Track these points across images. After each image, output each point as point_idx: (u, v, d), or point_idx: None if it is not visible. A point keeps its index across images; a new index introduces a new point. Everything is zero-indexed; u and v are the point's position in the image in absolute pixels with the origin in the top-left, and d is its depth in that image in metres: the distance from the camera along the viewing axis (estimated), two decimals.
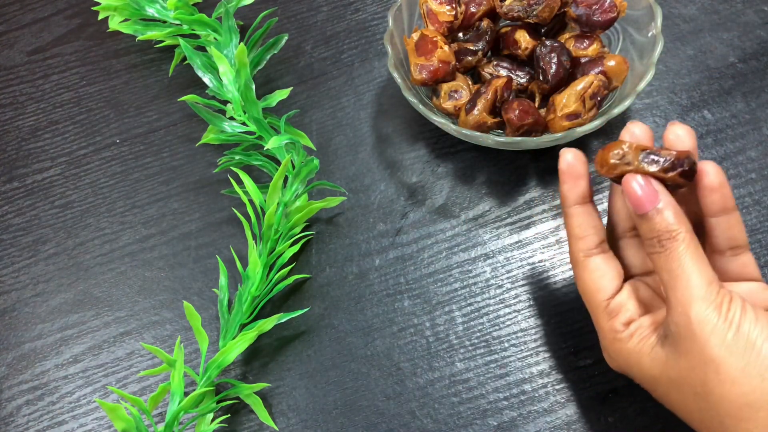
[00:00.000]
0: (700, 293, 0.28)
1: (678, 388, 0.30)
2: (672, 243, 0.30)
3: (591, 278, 0.34)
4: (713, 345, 0.28)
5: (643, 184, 0.31)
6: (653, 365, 0.31)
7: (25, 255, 0.48)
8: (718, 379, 0.28)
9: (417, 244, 0.45)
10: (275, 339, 0.43)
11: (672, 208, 0.30)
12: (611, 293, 0.33)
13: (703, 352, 0.28)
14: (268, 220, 0.42)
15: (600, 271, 0.34)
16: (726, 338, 0.28)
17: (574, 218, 0.34)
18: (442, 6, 0.45)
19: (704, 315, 0.28)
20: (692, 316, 0.28)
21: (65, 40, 0.57)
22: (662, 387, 0.31)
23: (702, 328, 0.28)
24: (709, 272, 0.29)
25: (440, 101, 0.45)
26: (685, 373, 0.29)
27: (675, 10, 0.52)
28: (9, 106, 0.55)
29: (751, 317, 0.28)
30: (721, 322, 0.28)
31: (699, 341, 0.28)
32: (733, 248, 0.34)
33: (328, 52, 0.54)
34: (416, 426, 0.40)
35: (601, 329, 0.34)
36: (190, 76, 0.53)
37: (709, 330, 0.28)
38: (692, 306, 0.28)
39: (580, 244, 0.34)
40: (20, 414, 0.43)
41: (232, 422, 0.41)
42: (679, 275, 0.29)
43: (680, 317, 0.29)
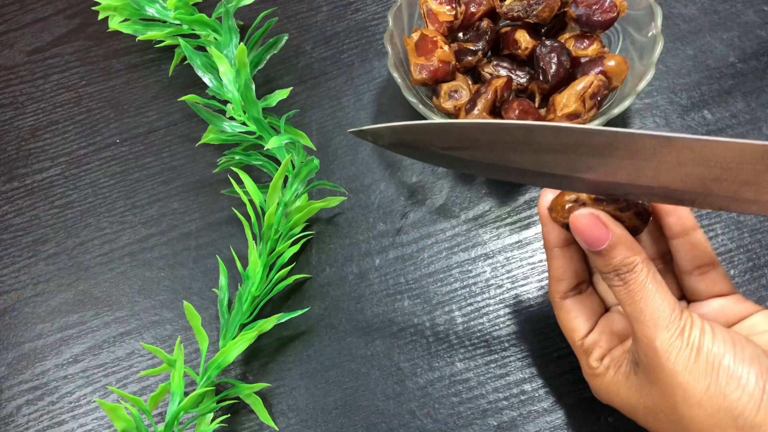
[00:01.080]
0: (663, 322, 0.29)
1: (654, 416, 0.30)
2: (631, 275, 0.30)
3: (566, 319, 0.35)
4: (678, 372, 0.28)
5: (591, 222, 0.30)
6: (630, 394, 0.31)
7: (25, 255, 0.48)
8: (687, 404, 0.28)
9: (417, 244, 0.45)
10: (275, 339, 0.43)
11: (625, 240, 0.30)
12: (585, 332, 0.34)
13: (670, 379, 0.28)
14: (268, 220, 0.42)
15: (574, 312, 0.35)
16: (689, 364, 0.28)
17: (554, 261, 0.35)
18: (442, 6, 0.45)
19: (668, 343, 0.28)
20: (657, 345, 0.29)
21: (65, 40, 0.57)
22: (640, 415, 0.31)
23: (668, 356, 0.28)
24: (670, 298, 0.30)
25: (440, 101, 0.45)
26: (658, 401, 0.29)
27: (675, 10, 0.52)
28: (9, 106, 0.55)
29: (709, 337, 0.28)
30: (684, 346, 0.28)
31: (666, 369, 0.28)
32: (700, 267, 0.34)
33: (328, 52, 0.54)
34: (416, 426, 0.40)
35: (582, 367, 0.35)
36: (190, 76, 0.53)
37: (674, 357, 0.28)
38: (657, 335, 0.29)
39: (557, 286, 0.35)
40: (20, 414, 0.43)
41: (232, 422, 0.41)
42: (642, 308, 0.29)
43: (647, 349, 0.29)
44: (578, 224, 0.31)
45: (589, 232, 0.30)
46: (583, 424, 0.39)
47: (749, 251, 0.43)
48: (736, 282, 0.42)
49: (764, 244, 0.43)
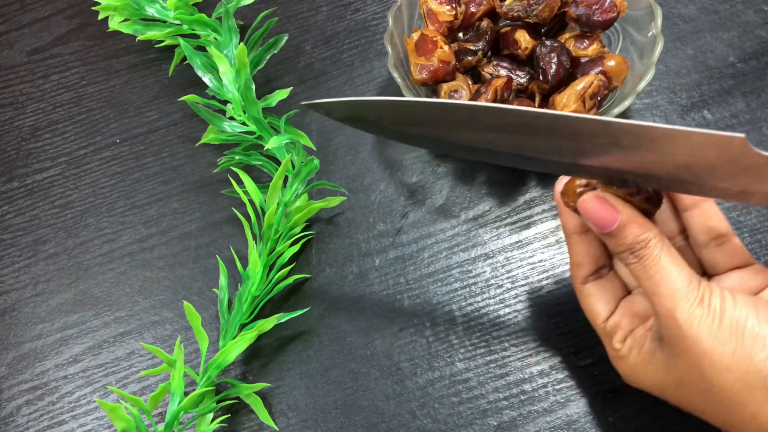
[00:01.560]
0: (682, 294, 0.29)
1: (684, 388, 0.30)
2: (644, 251, 0.30)
3: (588, 303, 0.35)
4: (703, 339, 0.28)
5: (598, 204, 0.31)
6: (658, 371, 0.31)
7: (25, 255, 0.48)
8: (714, 370, 0.28)
9: (417, 244, 0.45)
10: (275, 339, 0.43)
11: (635, 219, 0.30)
12: (606, 315, 0.34)
13: (695, 348, 0.28)
14: (268, 220, 0.42)
15: (594, 296, 0.35)
16: (713, 330, 0.28)
17: (573, 247, 0.35)
18: (442, 6, 0.45)
19: (689, 313, 0.28)
20: (678, 316, 0.29)
21: (65, 40, 0.57)
22: (671, 391, 0.31)
23: (690, 326, 0.28)
24: (686, 270, 0.30)
25: None
26: (686, 373, 0.29)
27: (675, 10, 0.52)
28: (9, 106, 0.55)
29: (730, 302, 0.29)
30: (705, 315, 0.28)
31: (690, 339, 0.28)
32: (716, 238, 0.34)
33: (328, 52, 0.54)
34: (416, 426, 0.40)
35: (608, 351, 0.35)
36: (190, 76, 0.53)
37: (696, 326, 0.28)
38: (677, 308, 0.29)
39: (578, 271, 0.35)
40: (20, 414, 0.43)
41: (232, 422, 0.41)
42: (659, 281, 0.30)
43: (668, 320, 0.29)
44: (586, 207, 0.31)
45: (597, 214, 0.31)
46: (583, 424, 0.39)
47: (749, 251, 0.43)
48: None
49: (764, 244, 0.43)
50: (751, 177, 0.27)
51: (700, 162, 0.27)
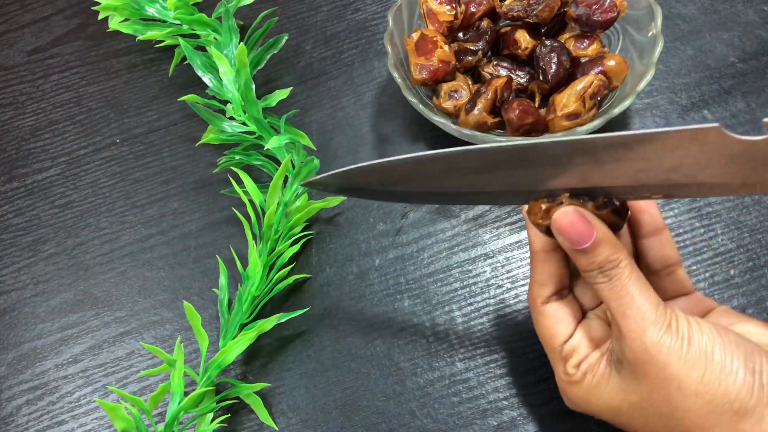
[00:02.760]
0: (651, 318, 0.29)
1: (642, 412, 0.30)
2: (615, 271, 0.30)
3: (546, 325, 0.34)
4: (672, 363, 0.28)
5: (576, 219, 0.30)
6: (612, 395, 0.31)
7: (25, 255, 0.48)
8: (682, 395, 0.28)
9: (417, 244, 0.45)
10: (275, 339, 0.43)
11: (608, 238, 0.30)
12: (565, 338, 0.33)
13: (663, 373, 0.28)
14: (268, 220, 0.42)
15: (556, 317, 0.34)
16: (682, 354, 0.28)
17: (538, 265, 0.34)
18: (442, 6, 0.45)
19: (658, 338, 0.28)
20: (647, 341, 0.29)
21: (65, 40, 0.57)
22: (625, 414, 0.31)
23: (659, 350, 0.28)
24: (653, 295, 0.30)
25: (440, 101, 0.45)
26: (648, 396, 0.29)
27: (675, 10, 0.52)
28: (9, 106, 0.55)
29: (697, 329, 0.29)
30: (674, 340, 0.28)
31: (658, 363, 0.28)
32: (668, 266, 0.34)
33: (328, 52, 0.54)
34: (416, 426, 0.40)
35: (557, 375, 0.34)
36: (190, 76, 0.53)
37: (666, 351, 0.28)
38: (646, 332, 0.29)
39: (540, 291, 0.34)
40: (20, 414, 0.43)
41: (232, 422, 0.41)
42: (628, 303, 0.29)
43: (635, 343, 0.29)
44: (562, 222, 0.30)
45: (573, 230, 0.30)
46: (583, 424, 0.39)
47: (749, 251, 0.43)
48: (736, 282, 0.42)
49: (764, 244, 0.43)
50: (744, 166, 0.26)
51: (687, 161, 0.27)
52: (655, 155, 0.27)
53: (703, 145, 0.26)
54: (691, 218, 0.44)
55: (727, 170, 0.27)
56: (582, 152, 0.27)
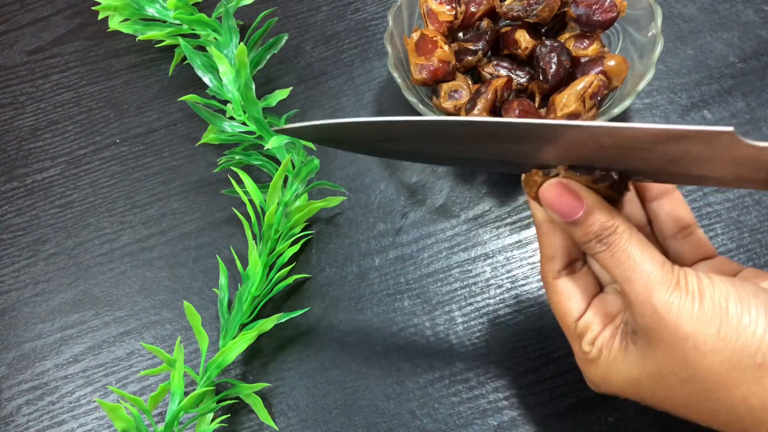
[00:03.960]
0: (657, 278, 0.28)
1: (662, 381, 0.28)
2: (612, 237, 0.29)
3: (558, 301, 0.33)
4: (684, 323, 0.27)
5: (561, 191, 0.29)
6: (631, 367, 0.29)
7: (25, 255, 0.48)
8: (699, 354, 0.26)
9: (417, 243, 0.45)
10: (275, 339, 0.43)
11: (600, 205, 0.29)
12: (578, 314, 0.32)
13: (677, 333, 0.27)
14: (268, 219, 0.42)
15: (567, 293, 0.32)
16: (694, 312, 0.27)
17: (544, 237, 0.33)
18: (442, 6, 0.45)
19: (667, 298, 0.27)
20: (656, 303, 0.27)
21: (65, 40, 0.57)
22: (647, 387, 0.29)
23: (669, 310, 0.27)
24: (657, 255, 0.29)
25: (440, 101, 0.45)
26: (666, 362, 0.28)
27: (675, 10, 0.52)
28: (9, 106, 0.55)
29: (708, 284, 0.27)
30: (684, 298, 0.27)
31: (670, 324, 0.27)
32: (683, 229, 0.33)
33: (328, 52, 0.54)
34: (416, 426, 0.40)
35: (576, 355, 0.33)
36: (190, 76, 0.53)
37: (676, 310, 0.27)
38: (653, 294, 0.27)
39: (550, 265, 0.33)
40: (20, 414, 0.43)
41: (232, 422, 0.41)
42: (632, 267, 0.28)
43: (644, 307, 0.28)
44: (548, 196, 0.29)
45: (560, 202, 0.29)
46: (583, 424, 0.39)
47: (749, 251, 0.43)
48: None
49: (764, 244, 0.43)
50: (745, 166, 0.26)
51: (689, 156, 0.26)
52: (660, 148, 0.26)
53: (712, 145, 0.25)
54: None
55: (728, 168, 0.26)
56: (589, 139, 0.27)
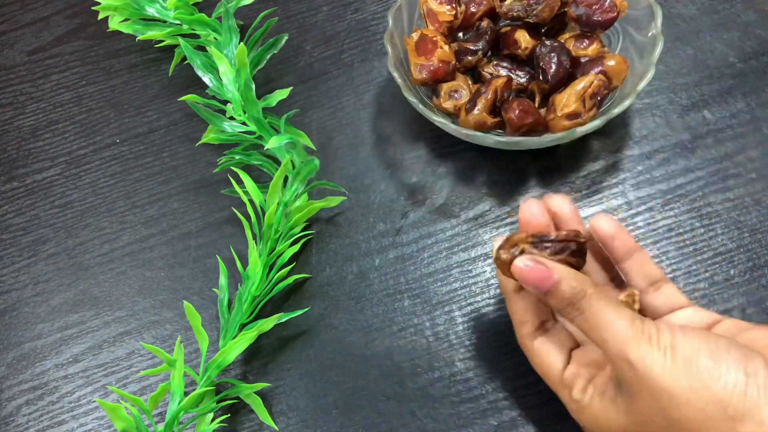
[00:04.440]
0: (629, 334, 0.29)
1: (647, 429, 0.30)
2: (584, 302, 0.31)
3: (539, 358, 0.35)
4: (657, 376, 0.28)
5: (533, 266, 0.32)
6: (619, 417, 0.31)
7: (25, 255, 0.48)
8: (675, 406, 0.28)
9: (417, 243, 0.45)
10: (275, 339, 0.43)
11: (568, 273, 0.32)
12: (562, 366, 0.34)
13: (652, 386, 0.28)
14: (268, 219, 0.42)
15: (546, 350, 0.35)
16: (666, 365, 0.28)
17: (514, 305, 0.36)
18: (442, 6, 0.45)
19: (640, 353, 0.29)
20: (630, 359, 0.29)
21: (65, 40, 0.57)
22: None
23: (643, 364, 0.29)
24: (627, 312, 0.31)
25: (440, 101, 0.45)
26: (647, 413, 0.29)
27: (675, 10, 0.52)
28: (9, 106, 0.55)
29: (681, 336, 0.29)
30: (656, 353, 0.29)
31: (645, 378, 0.29)
32: (653, 284, 0.36)
33: (328, 52, 0.54)
34: (416, 426, 0.40)
35: (566, 405, 0.34)
36: (190, 76, 0.53)
37: (649, 365, 0.28)
38: (627, 349, 0.29)
39: (522, 329, 0.36)
40: (20, 414, 0.43)
41: (232, 422, 0.41)
42: (605, 327, 0.30)
43: (622, 363, 0.29)
44: (521, 271, 0.32)
45: (532, 275, 0.32)
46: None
47: (749, 251, 0.43)
48: (736, 282, 0.42)
49: (764, 244, 0.43)
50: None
51: None
52: None
53: None
54: (691, 218, 0.44)
55: None
56: None
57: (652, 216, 0.44)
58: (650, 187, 0.45)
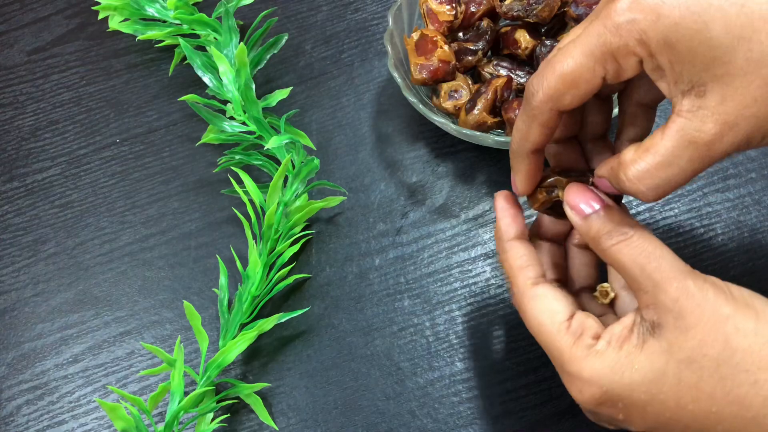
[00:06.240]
0: (686, 269, 0.27)
1: (694, 366, 0.26)
2: (634, 229, 0.28)
3: (542, 304, 0.30)
4: (723, 304, 0.26)
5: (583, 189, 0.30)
6: (653, 359, 0.27)
7: (25, 255, 0.48)
8: (741, 334, 0.26)
9: (417, 243, 0.45)
10: (275, 339, 0.43)
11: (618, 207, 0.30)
12: (567, 315, 0.30)
13: (717, 313, 0.26)
14: (268, 219, 0.42)
15: (551, 294, 0.31)
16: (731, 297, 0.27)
17: (516, 250, 0.32)
18: (442, 6, 0.45)
19: (701, 285, 0.27)
20: (690, 286, 0.27)
21: (65, 40, 0.57)
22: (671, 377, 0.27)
23: (705, 294, 0.27)
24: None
25: (440, 101, 0.45)
26: (701, 344, 0.26)
27: None
28: (9, 106, 0.55)
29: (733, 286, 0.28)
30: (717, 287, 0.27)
31: (708, 305, 0.26)
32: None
33: (328, 51, 0.54)
34: (416, 426, 0.40)
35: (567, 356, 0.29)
36: (190, 75, 0.53)
37: (713, 295, 0.27)
38: (686, 278, 0.27)
39: (522, 275, 0.32)
40: (20, 414, 0.43)
41: (232, 422, 0.41)
42: (659, 254, 0.27)
43: (678, 291, 0.27)
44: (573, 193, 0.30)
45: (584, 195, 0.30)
46: (583, 424, 0.39)
47: (749, 251, 0.43)
48: (736, 282, 0.42)
49: (764, 244, 0.43)
50: None
51: None
52: None
53: None
54: (691, 218, 0.44)
55: None
56: None
57: (652, 216, 0.44)
58: None
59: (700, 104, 0.26)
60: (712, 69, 0.25)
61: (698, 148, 0.26)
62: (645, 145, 0.27)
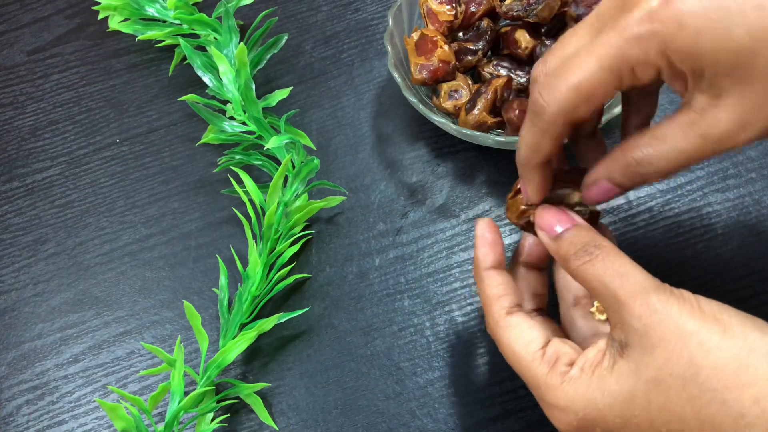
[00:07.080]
0: (651, 284, 0.27)
1: (661, 386, 0.26)
2: (600, 248, 0.29)
3: (516, 333, 0.31)
4: (687, 320, 0.26)
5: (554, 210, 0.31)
6: (622, 381, 0.27)
7: (25, 255, 0.48)
8: (704, 350, 0.25)
9: (417, 243, 0.45)
10: (275, 339, 0.43)
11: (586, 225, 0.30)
12: (541, 344, 0.30)
13: (680, 331, 0.26)
14: (268, 219, 0.42)
15: (526, 324, 0.31)
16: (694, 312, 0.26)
17: (492, 279, 0.33)
18: (442, 6, 0.45)
19: (666, 300, 0.26)
20: (655, 302, 0.26)
21: (65, 40, 0.57)
22: (641, 397, 0.27)
23: (669, 310, 0.26)
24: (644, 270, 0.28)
25: (440, 101, 0.45)
26: (667, 363, 0.26)
27: None
28: (9, 106, 0.55)
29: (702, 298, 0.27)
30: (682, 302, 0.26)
31: (672, 321, 0.26)
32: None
33: (328, 51, 0.54)
34: (416, 426, 0.40)
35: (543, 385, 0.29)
36: (190, 75, 0.53)
37: (677, 311, 0.26)
38: (650, 295, 0.27)
39: (500, 303, 0.32)
40: (20, 413, 0.43)
41: (232, 422, 0.41)
42: (624, 272, 0.27)
43: (642, 308, 0.26)
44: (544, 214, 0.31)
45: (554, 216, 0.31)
46: None
47: (749, 251, 0.43)
48: (735, 283, 0.42)
49: (764, 243, 0.43)
50: None
51: None
52: None
53: None
54: (691, 218, 0.44)
55: None
56: None
57: (652, 216, 0.44)
58: (650, 187, 0.45)
59: (716, 103, 0.26)
60: (734, 73, 0.25)
61: (710, 142, 0.26)
62: (654, 132, 0.28)
